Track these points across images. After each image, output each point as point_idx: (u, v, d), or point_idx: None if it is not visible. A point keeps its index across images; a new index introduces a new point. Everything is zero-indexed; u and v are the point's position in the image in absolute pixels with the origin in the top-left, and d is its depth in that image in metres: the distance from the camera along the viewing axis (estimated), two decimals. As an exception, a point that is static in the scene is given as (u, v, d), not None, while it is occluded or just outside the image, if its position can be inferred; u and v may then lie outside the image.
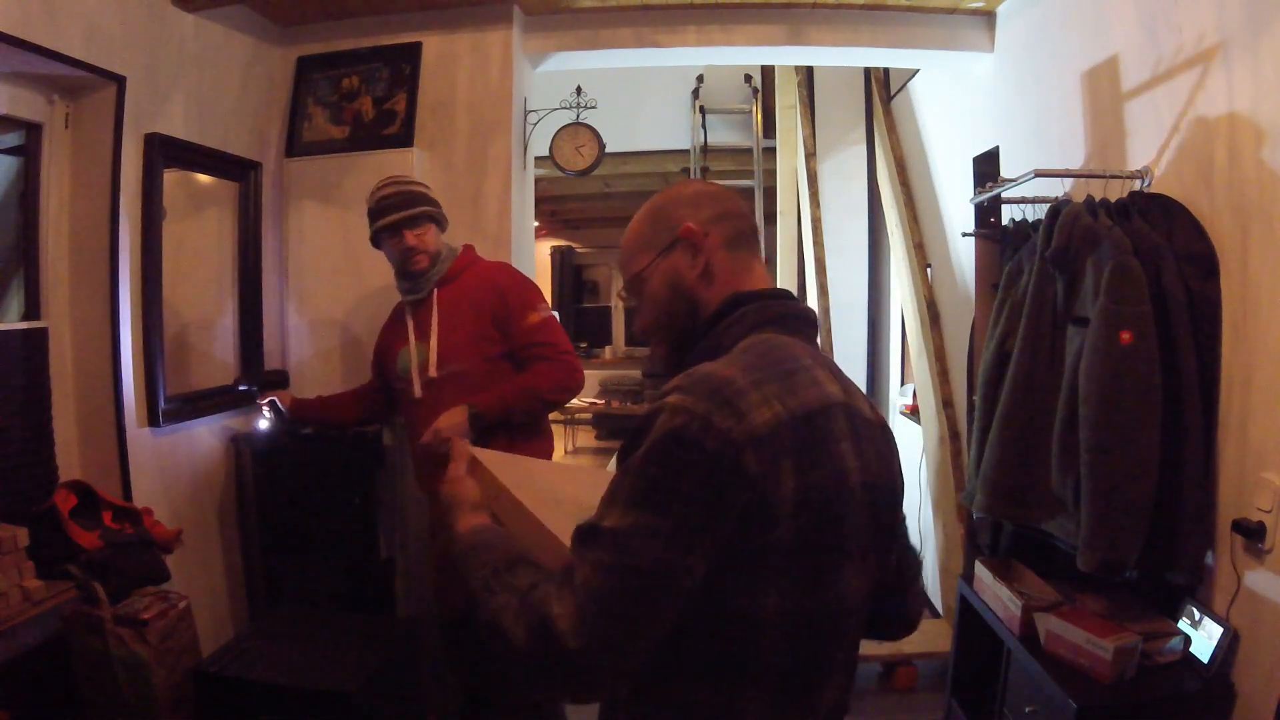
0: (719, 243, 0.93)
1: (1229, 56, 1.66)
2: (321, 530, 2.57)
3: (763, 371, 0.81)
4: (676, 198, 0.97)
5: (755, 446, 0.75)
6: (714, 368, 0.81)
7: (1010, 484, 1.93)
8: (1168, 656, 1.68)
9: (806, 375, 0.84)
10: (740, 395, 0.77)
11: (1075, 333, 1.80)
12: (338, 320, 2.80)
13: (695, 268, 0.93)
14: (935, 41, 2.85)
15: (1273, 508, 1.52)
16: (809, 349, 0.90)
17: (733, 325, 0.90)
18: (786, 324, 0.91)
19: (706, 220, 0.94)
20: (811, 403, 0.81)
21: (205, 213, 2.67)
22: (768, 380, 0.80)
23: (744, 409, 0.76)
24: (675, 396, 0.78)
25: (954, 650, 2.36)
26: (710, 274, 0.93)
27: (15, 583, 1.72)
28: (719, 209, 0.95)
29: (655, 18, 2.84)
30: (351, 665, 2.04)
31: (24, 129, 2.08)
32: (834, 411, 0.83)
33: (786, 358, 0.84)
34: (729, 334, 0.90)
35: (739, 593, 0.78)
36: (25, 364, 2.06)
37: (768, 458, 0.76)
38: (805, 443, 0.78)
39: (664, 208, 0.97)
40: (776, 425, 0.77)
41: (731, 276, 0.93)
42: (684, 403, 0.76)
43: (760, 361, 0.82)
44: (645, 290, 0.96)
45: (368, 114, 2.80)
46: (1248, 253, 1.61)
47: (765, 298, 0.92)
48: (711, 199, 0.96)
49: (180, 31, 2.39)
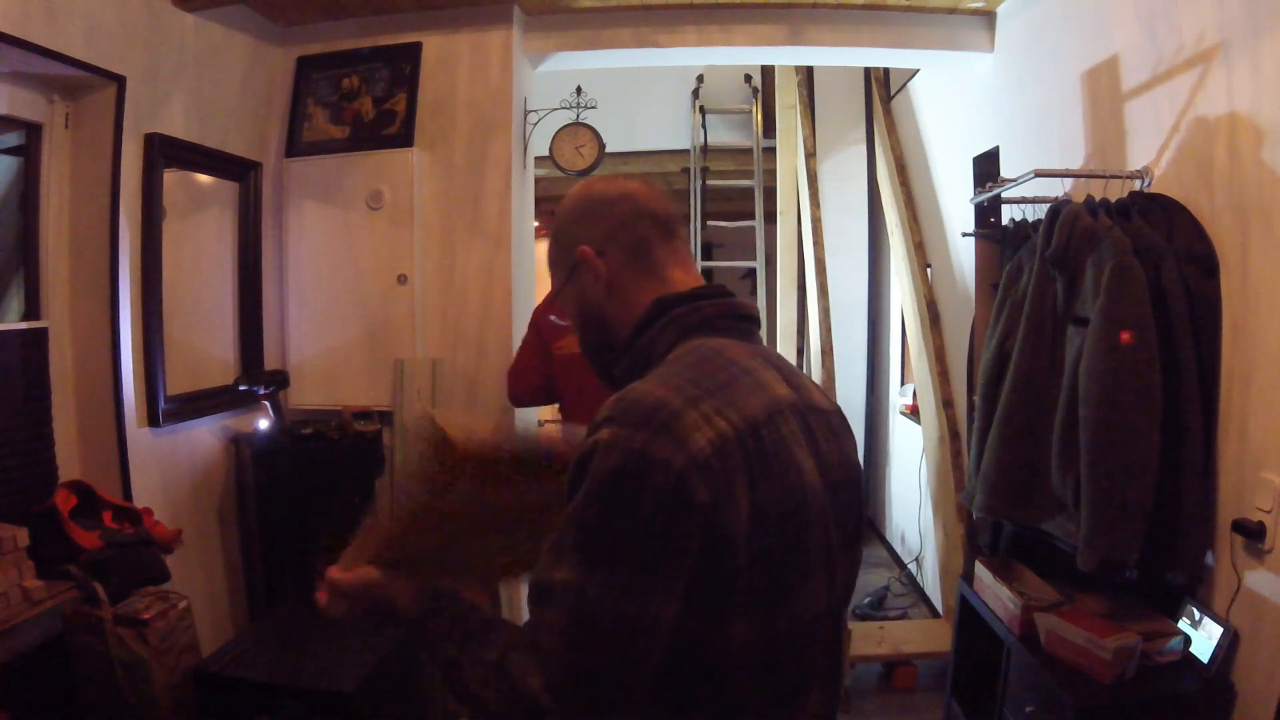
0: (620, 257, 0.87)
1: (1229, 56, 1.66)
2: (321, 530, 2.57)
3: (698, 386, 0.74)
4: (570, 214, 0.91)
5: (701, 472, 0.69)
6: (644, 389, 0.74)
7: (1010, 484, 1.93)
8: (1168, 656, 1.67)
9: (748, 380, 0.78)
10: (676, 418, 0.71)
11: (1075, 333, 1.80)
12: (338, 320, 2.80)
13: (599, 288, 0.88)
14: (935, 41, 2.85)
15: (1273, 508, 1.52)
16: (750, 348, 0.84)
17: (662, 332, 0.84)
18: (720, 325, 0.85)
19: (602, 237, 0.87)
20: (756, 412, 0.75)
21: (205, 213, 2.67)
22: (704, 395, 0.74)
23: (682, 433, 0.70)
24: (606, 431, 0.71)
25: (954, 650, 2.36)
26: (617, 289, 0.87)
27: (15, 583, 1.72)
28: (615, 218, 0.88)
29: (655, 18, 2.84)
30: (351, 665, 2.04)
31: (24, 129, 2.08)
32: (783, 416, 0.78)
33: (724, 365, 0.78)
34: (659, 342, 0.84)
35: (703, 629, 0.72)
36: (25, 364, 2.06)
37: (717, 482, 0.70)
38: (754, 457, 0.73)
39: (561, 229, 0.91)
40: (721, 444, 0.71)
41: (644, 285, 0.87)
42: (617, 437, 0.70)
43: (695, 374, 0.76)
44: (566, 312, 0.93)
45: (368, 114, 2.80)
46: (1248, 252, 1.61)
47: (696, 298, 0.85)
48: (604, 206, 0.89)
49: (180, 31, 2.39)
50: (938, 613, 3.43)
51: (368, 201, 2.75)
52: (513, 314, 2.77)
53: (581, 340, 0.93)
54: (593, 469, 0.71)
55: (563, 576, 0.70)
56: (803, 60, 3.57)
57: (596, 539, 0.70)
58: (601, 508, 0.70)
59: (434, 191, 2.80)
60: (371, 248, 2.76)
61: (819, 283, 3.75)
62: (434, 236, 2.80)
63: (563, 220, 0.92)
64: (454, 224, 2.80)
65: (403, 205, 2.74)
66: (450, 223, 2.80)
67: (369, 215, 2.75)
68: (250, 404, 2.71)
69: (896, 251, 3.89)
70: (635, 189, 0.91)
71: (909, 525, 4.11)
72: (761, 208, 4.32)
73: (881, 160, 4.11)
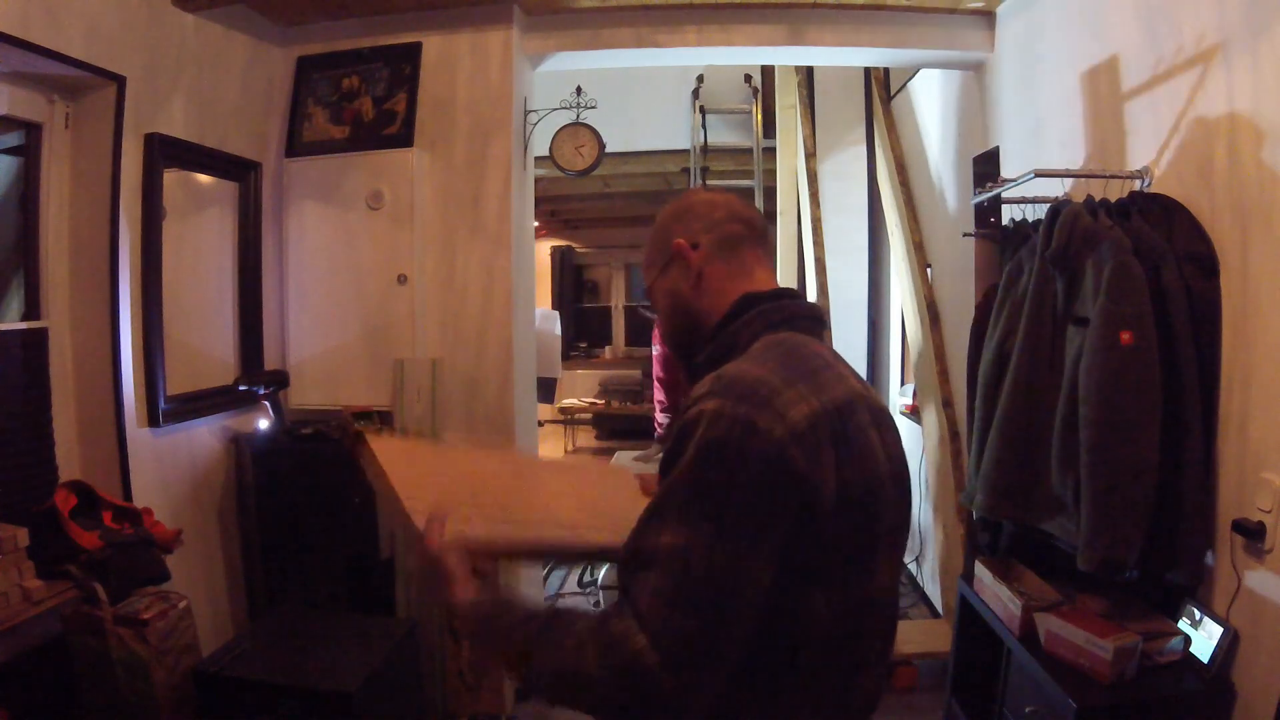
0: (710, 251, 0.96)
1: (1229, 56, 1.66)
2: (321, 530, 2.57)
3: (790, 370, 0.81)
4: (671, 213, 1.00)
5: (799, 443, 0.76)
6: (744, 368, 0.81)
7: (1010, 484, 1.93)
8: (1168, 656, 1.67)
9: (831, 372, 0.85)
10: (776, 394, 0.77)
11: (1075, 333, 1.80)
12: (338, 320, 2.80)
13: (689, 280, 0.96)
14: (935, 41, 2.85)
15: (1273, 508, 1.52)
16: (825, 347, 0.92)
17: (748, 324, 0.91)
18: (800, 323, 0.92)
19: (697, 231, 0.97)
20: (840, 397, 0.82)
21: (205, 213, 2.67)
22: (797, 378, 0.80)
23: (781, 407, 0.76)
24: (711, 402, 0.77)
25: (954, 650, 2.36)
26: (705, 282, 0.96)
27: (15, 583, 1.72)
28: (709, 217, 0.97)
29: (655, 18, 2.84)
30: (351, 665, 2.04)
31: (24, 129, 2.08)
32: (859, 405, 0.85)
33: (809, 355, 0.86)
34: (744, 333, 0.91)
35: (789, 594, 0.77)
36: (25, 364, 2.06)
37: (811, 453, 0.76)
38: (840, 436, 0.79)
39: (661, 225, 1.01)
40: (814, 420, 0.78)
41: (729, 281, 0.95)
42: (722, 408, 0.76)
43: (786, 360, 0.83)
44: (657, 304, 1.01)
45: (368, 114, 2.80)
46: (1248, 252, 1.61)
47: (779, 297, 0.94)
48: (704, 207, 0.99)
49: (180, 31, 2.39)
50: (938, 613, 3.43)
51: (368, 201, 2.75)
52: (513, 314, 2.77)
53: (667, 328, 1.01)
54: (698, 438, 0.76)
55: (668, 540, 0.74)
56: (803, 60, 3.57)
57: (701, 503, 0.74)
58: (707, 473, 0.75)
59: (434, 191, 2.80)
60: (371, 248, 2.76)
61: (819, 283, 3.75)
62: (434, 236, 2.80)
63: (664, 217, 1.01)
64: (454, 224, 2.80)
65: (403, 205, 2.74)
66: (450, 223, 2.80)
67: (369, 215, 2.75)
68: (250, 404, 2.71)
69: (896, 251, 3.89)
70: (731, 198, 1.01)
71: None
72: (761, 208, 4.31)
73: (881, 160, 4.11)
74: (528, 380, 3.00)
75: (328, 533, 2.57)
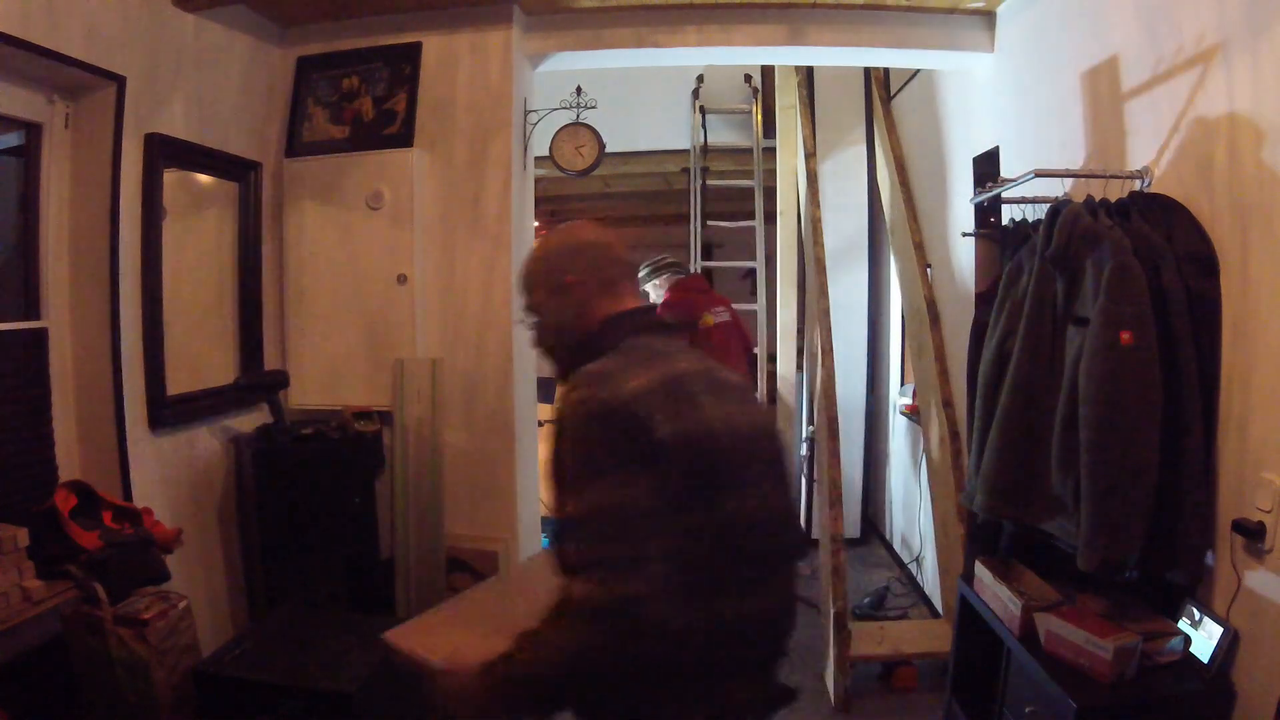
0: (594, 287, 1.21)
1: (1229, 56, 1.66)
2: (321, 530, 2.57)
3: (629, 361, 1.09)
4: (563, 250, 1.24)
5: (636, 401, 1.02)
6: (594, 366, 1.09)
7: (1010, 484, 1.93)
8: (1168, 656, 1.67)
9: (665, 359, 1.12)
10: (614, 376, 1.05)
11: (1075, 333, 1.80)
12: (338, 320, 2.80)
13: (574, 305, 1.21)
14: (935, 41, 2.85)
15: (1273, 508, 1.52)
16: (672, 342, 1.20)
17: (611, 332, 1.18)
18: (653, 328, 1.21)
19: (583, 270, 1.22)
20: (670, 373, 1.09)
21: (205, 213, 2.67)
22: (634, 365, 1.08)
23: (619, 383, 1.04)
24: (575, 394, 1.04)
25: (954, 650, 2.36)
26: (587, 308, 1.21)
27: (15, 583, 1.72)
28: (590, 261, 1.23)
29: (655, 18, 2.84)
30: (351, 665, 2.04)
31: (24, 129, 2.08)
32: (690, 378, 1.10)
33: (651, 351, 1.14)
34: (608, 339, 1.17)
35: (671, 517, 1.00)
36: (25, 364, 2.06)
37: (645, 408, 1.01)
38: (671, 397, 1.05)
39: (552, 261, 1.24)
40: (648, 387, 1.04)
41: (603, 305, 1.21)
42: (583, 395, 1.03)
43: (629, 357, 1.11)
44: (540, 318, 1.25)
45: (368, 114, 2.80)
46: (1248, 252, 1.61)
47: (635, 314, 1.21)
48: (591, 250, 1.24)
49: (180, 31, 2.39)
50: (938, 613, 3.43)
51: (368, 201, 2.75)
52: (513, 314, 2.77)
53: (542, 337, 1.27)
54: (569, 422, 1.03)
55: (572, 508, 1.00)
56: (803, 60, 3.57)
57: (585, 466, 1.01)
58: (581, 444, 1.02)
59: (434, 191, 2.80)
60: (371, 248, 2.76)
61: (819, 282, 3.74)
62: (434, 236, 2.80)
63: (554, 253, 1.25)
64: (454, 224, 2.80)
65: (403, 205, 2.74)
66: (450, 223, 2.80)
67: (369, 215, 2.76)
68: (250, 404, 2.71)
69: (896, 251, 3.89)
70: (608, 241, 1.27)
71: (909, 525, 4.11)
72: (761, 208, 4.31)
73: (881, 160, 4.11)
74: (528, 380, 3.00)
75: (328, 533, 2.57)
